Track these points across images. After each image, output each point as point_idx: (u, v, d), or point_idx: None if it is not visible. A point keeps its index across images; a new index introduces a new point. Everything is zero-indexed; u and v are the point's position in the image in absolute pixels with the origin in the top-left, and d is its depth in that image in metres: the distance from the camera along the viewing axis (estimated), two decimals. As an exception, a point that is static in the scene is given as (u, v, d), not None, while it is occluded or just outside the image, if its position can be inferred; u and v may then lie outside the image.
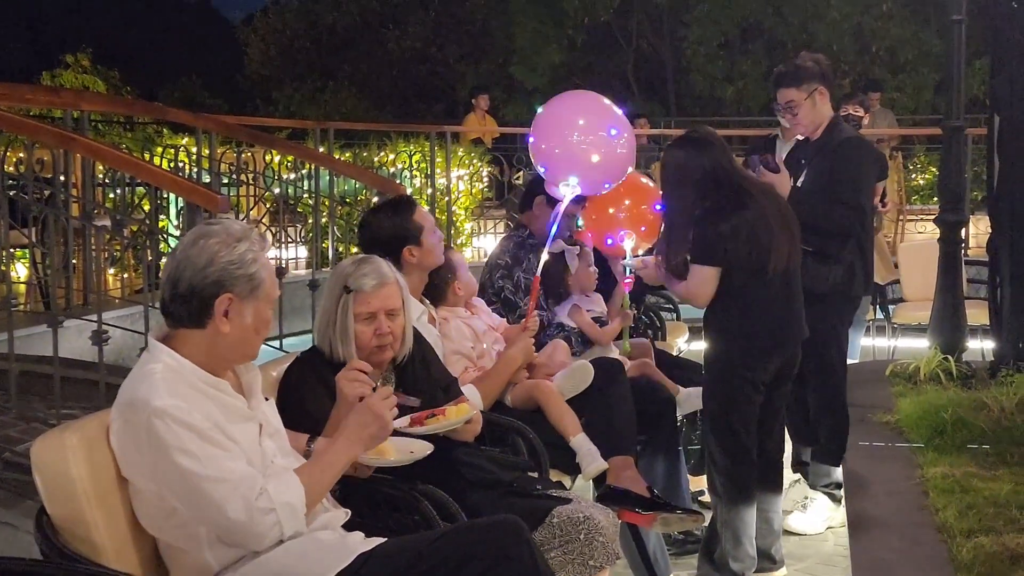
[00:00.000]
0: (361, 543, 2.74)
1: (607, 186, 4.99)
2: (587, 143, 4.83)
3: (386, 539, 2.78)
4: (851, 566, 3.92)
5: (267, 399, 2.87)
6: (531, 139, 4.98)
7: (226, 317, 2.64)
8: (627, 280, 5.07)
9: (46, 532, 2.52)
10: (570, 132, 4.84)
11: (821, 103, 4.95)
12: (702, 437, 4.39)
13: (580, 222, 5.35)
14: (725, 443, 4.26)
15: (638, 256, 5.06)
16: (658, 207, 4.92)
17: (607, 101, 5.11)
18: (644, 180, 5.62)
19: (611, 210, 5.29)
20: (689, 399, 4.81)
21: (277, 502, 2.55)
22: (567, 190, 4.76)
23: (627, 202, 5.31)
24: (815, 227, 4.74)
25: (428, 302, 4.23)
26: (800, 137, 5.32)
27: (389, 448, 2.94)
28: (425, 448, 3.00)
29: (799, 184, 5.00)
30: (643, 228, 5.28)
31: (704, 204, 4.20)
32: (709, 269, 4.15)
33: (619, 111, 5.08)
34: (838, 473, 5.16)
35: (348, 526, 2.87)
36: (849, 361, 5.41)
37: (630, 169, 5.11)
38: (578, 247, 5.18)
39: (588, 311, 5.11)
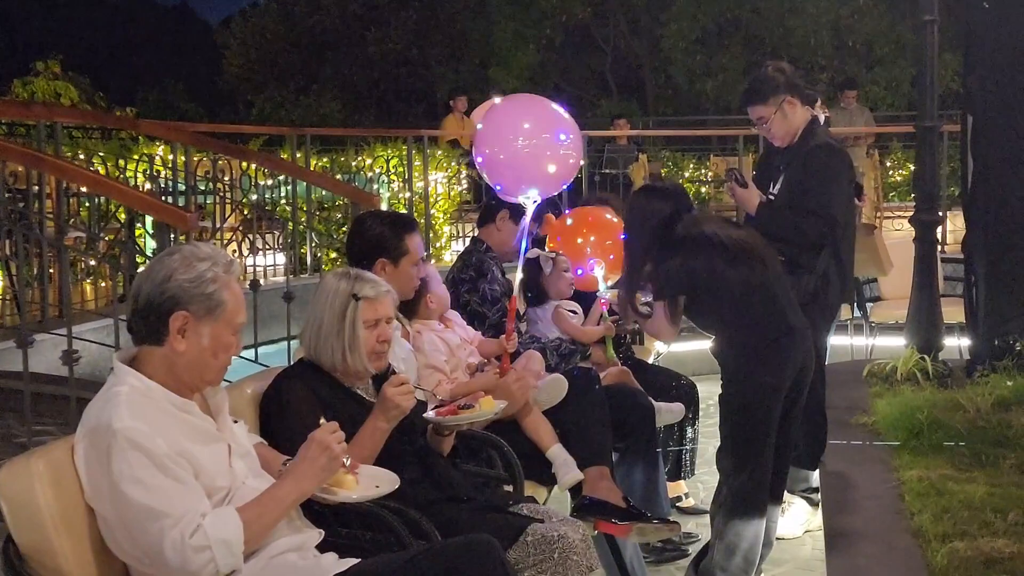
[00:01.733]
0: (334, 564, 2.74)
1: (563, 185, 4.95)
2: (535, 149, 4.70)
3: (360, 560, 2.78)
4: (827, 572, 3.92)
5: (236, 421, 2.86)
6: (477, 157, 4.84)
7: (181, 336, 2.63)
8: (603, 300, 5.12)
9: (12, 561, 2.50)
10: (515, 139, 4.70)
11: (791, 112, 4.92)
12: (718, 448, 4.34)
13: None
14: (742, 458, 4.16)
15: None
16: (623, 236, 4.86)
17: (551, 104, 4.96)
18: (608, 216, 5.69)
19: (579, 240, 5.35)
20: (660, 413, 4.81)
21: (212, 539, 2.49)
22: (528, 201, 4.71)
23: (593, 238, 5.47)
24: (787, 238, 4.74)
25: (401, 316, 4.22)
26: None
27: (352, 483, 2.90)
28: (392, 483, 2.98)
29: (774, 192, 5.00)
30: (611, 256, 5.34)
31: (660, 245, 4.23)
32: (666, 303, 4.15)
33: (563, 112, 4.93)
34: (815, 477, 5.17)
35: (321, 546, 2.85)
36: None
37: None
38: (554, 253, 5.19)
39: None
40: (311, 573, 2.67)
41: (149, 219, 8.66)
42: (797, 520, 5.16)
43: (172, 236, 4.69)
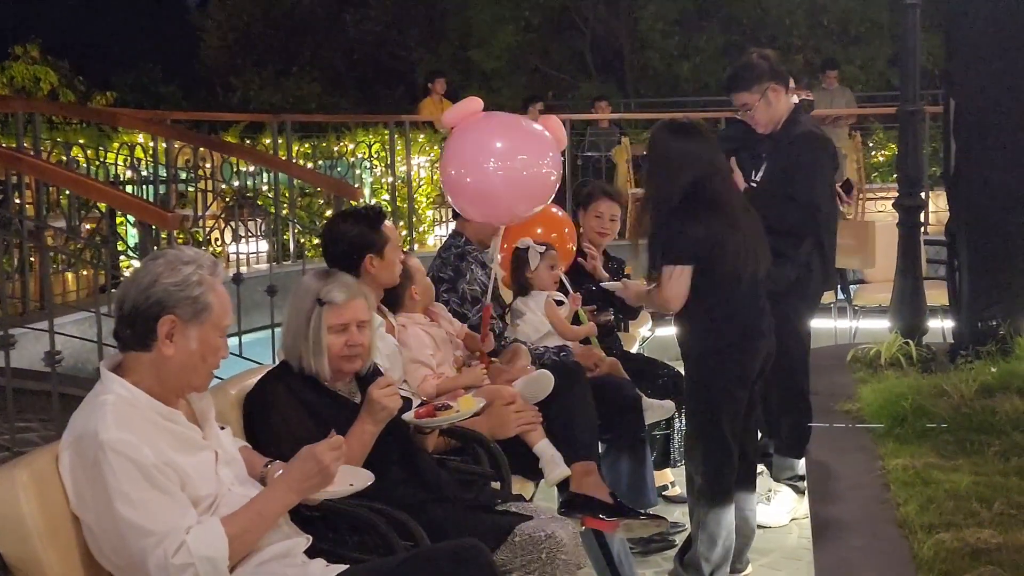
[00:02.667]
0: (323, 571, 2.73)
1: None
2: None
3: (348, 566, 2.77)
4: (814, 564, 3.93)
5: (223, 427, 2.84)
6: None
7: (170, 340, 2.62)
8: (575, 295, 5.10)
9: (-2, 574, 2.49)
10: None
11: (775, 100, 4.91)
12: (684, 438, 4.36)
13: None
14: (711, 445, 4.19)
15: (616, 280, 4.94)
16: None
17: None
18: (555, 210, 5.59)
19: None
20: (652, 409, 4.81)
21: (196, 556, 2.48)
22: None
23: (539, 231, 5.36)
24: (769, 226, 4.74)
25: (386, 310, 4.21)
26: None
27: None
28: (366, 479, 2.96)
29: (757, 179, 5.00)
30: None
31: (681, 201, 4.05)
32: (680, 268, 4.02)
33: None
34: (801, 465, 5.18)
35: (309, 551, 2.84)
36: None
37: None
38: (544, 246, 5.13)
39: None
40: (298, 580, 2.66)
41: (130, 208, 8.65)
42: (783, 508, 5.18)
43: (154, 233, 4.67)
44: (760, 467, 5.39)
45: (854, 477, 4.74)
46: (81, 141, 9.27)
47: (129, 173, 9.48)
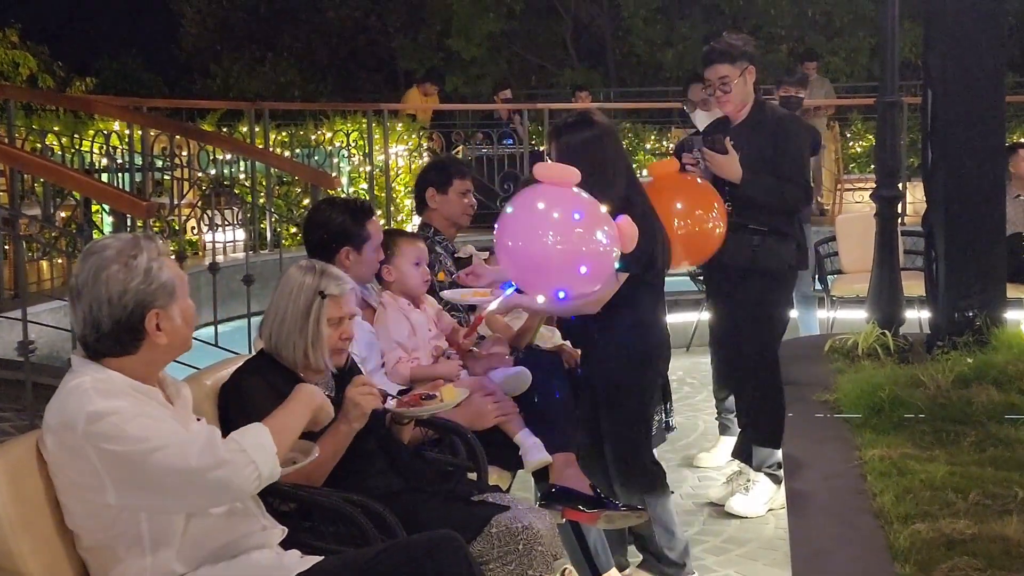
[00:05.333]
0: (298, 562, 2.72)
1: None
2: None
3: (323, 557, 2.76)
4: (790, 555, 3.94)
5: (199, 419, 2.83)
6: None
7: (159, 330, 2.62)
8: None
9: (-31, 566, 2.46)
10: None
11: (750, 81, 4.99)
12: (615, 437, 4.32)
13: None
14: (645, 439, 4.28)
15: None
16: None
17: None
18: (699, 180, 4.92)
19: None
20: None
21: (245, 444, 2.54)
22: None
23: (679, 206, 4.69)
24: (767, 205, 4.79)
25: (373, 290, 4.21)
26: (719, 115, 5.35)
27: None
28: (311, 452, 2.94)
29: None
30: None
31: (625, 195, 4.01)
32: (623, 275, 3.98)
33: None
34: (779, 454, 5.20)
35: (285, 543, 2.83)
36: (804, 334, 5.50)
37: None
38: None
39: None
40: (274, 571, 2.65)
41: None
42: (761, 499, 5.19)
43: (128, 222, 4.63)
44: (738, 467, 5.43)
45: (831, 467, 4.74)
46: (56, 128, 9.20)
47: (105, 161, 9.42)
